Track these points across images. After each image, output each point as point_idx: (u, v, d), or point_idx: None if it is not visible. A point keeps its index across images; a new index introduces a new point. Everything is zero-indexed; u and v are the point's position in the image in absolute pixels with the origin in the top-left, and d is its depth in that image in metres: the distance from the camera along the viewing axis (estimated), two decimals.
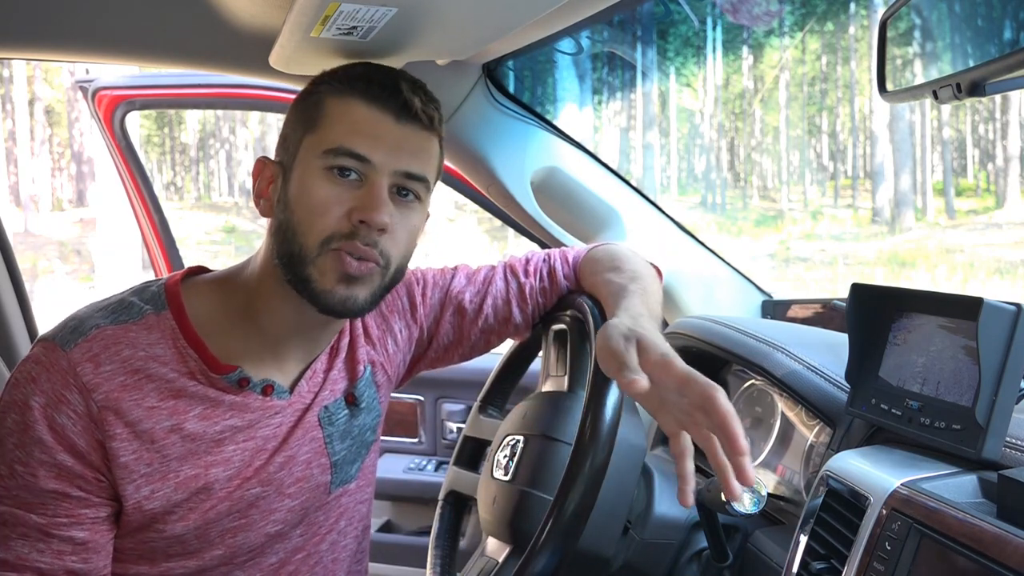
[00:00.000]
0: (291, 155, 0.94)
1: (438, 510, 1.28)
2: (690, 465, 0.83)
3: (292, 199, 0.92)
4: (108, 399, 0.88)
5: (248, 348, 0.96)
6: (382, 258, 0.92)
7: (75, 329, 0.90)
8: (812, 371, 1.12)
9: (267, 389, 0.97)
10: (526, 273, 1.18)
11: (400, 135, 0.93)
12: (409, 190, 0.95)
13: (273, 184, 0.96)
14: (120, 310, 0.93)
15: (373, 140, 0.91)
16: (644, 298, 0.99)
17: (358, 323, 1.10)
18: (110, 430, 0.88)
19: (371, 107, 0.92)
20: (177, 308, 0.94)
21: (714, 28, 15.14)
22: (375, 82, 0.93)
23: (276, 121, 17.68)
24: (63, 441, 0.87)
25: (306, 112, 0.95)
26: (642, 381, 0.83)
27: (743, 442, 0.78)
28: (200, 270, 1.02)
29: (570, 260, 1.18)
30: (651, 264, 1.14)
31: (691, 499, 0.81)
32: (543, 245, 1.73)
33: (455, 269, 1.20)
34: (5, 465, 0.87)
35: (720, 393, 0.79)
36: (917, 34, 0.97)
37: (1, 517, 0.87)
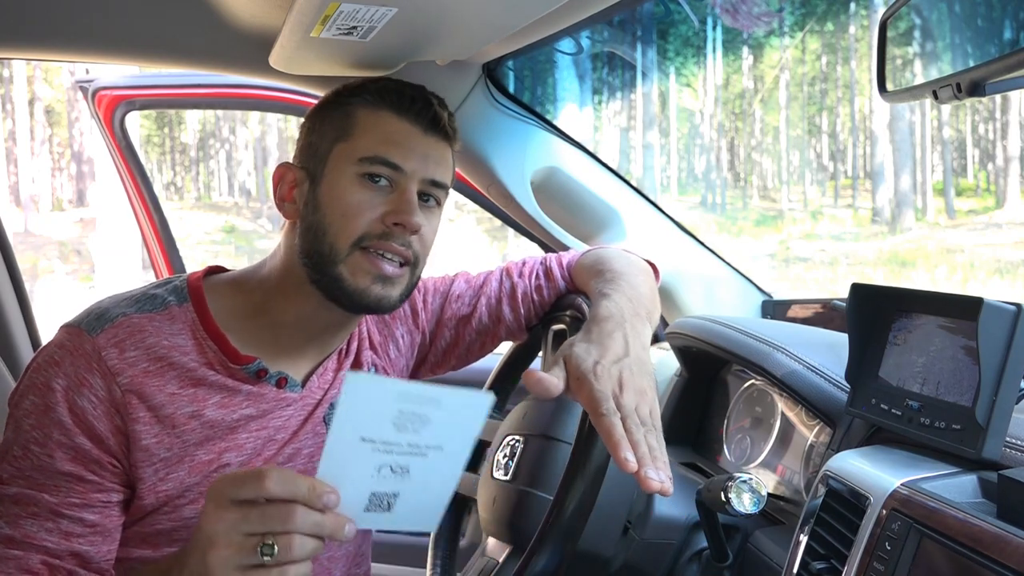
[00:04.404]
0: (320, 161, 0.99)
1: None
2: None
3: (323, 202, 0.97)
4: (132, 383, 0.91)
5: (263, 343, 1.00)
6: (413, 256, 0.99)
7: (100, 316, 0.93)
8: (812, 371, 1.12)
9: (281, 381, 1.01)
10: (520, 275, 1.20)
11: (427, 146, 1.00)
12: (431, 196, 1.02)
13: (298, 188, 1.01)
14: (144, 300, 0.97)
15: (405, 150, 0.98)
16: (620, 298, 1.00)
17: (363, 328, 1.13)
18: (133, 413, 0.91)
19: (402, 119, 0.98)
20: (199, 301, 0.98)
21: (714, 28, 15.15)
22: (406, 96, 0.99)
23: (276, 121, 17.71)
24: (82, 424, 0.89)
25: (335, 122, 1.00)
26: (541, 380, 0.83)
27: (620, 455, 0.77)
28: (219, 269, 1.06)
29: (565, 263, 1.20)
30: (645, 260, 1.16)
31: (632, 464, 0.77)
32: (543, 245, 1.73)
33: (455, 276, 1.24)
34: (20, 446, 0.89)
35: (602, 417, 0.80)
36: (917, 34, 0.98)
37: (13, 497, 0.88)
